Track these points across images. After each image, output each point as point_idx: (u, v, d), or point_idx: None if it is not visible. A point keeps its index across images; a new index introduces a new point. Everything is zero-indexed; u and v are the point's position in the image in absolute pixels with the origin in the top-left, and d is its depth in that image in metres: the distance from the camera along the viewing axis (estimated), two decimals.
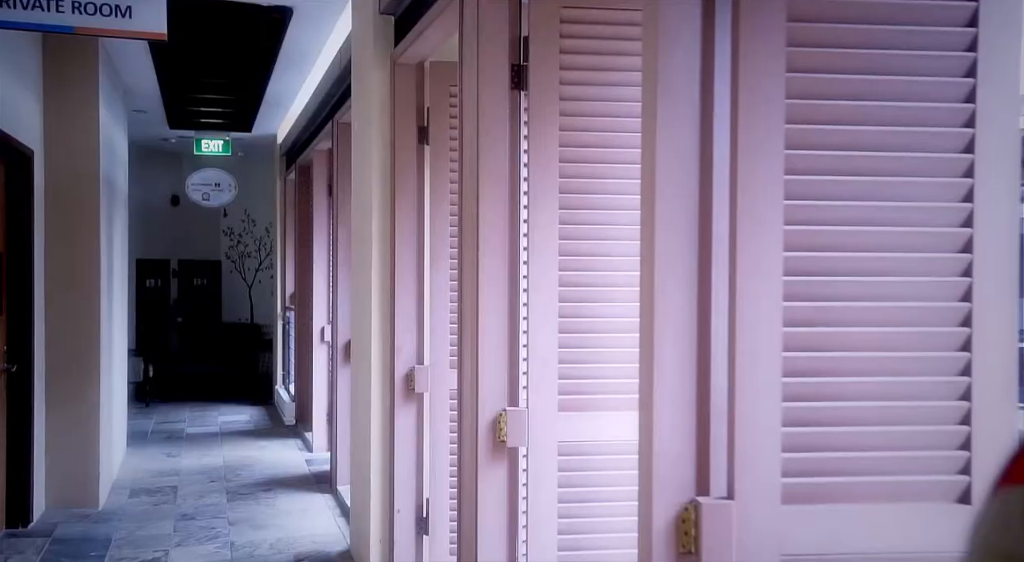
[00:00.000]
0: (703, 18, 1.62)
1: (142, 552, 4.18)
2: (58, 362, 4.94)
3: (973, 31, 1.54)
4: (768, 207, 1.48)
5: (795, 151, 1.50)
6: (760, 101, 1.49)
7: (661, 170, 1.59)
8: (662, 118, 1.59)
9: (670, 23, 1.61)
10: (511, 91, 2.62)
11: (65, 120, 4.92)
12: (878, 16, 1.54)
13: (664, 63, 1.60)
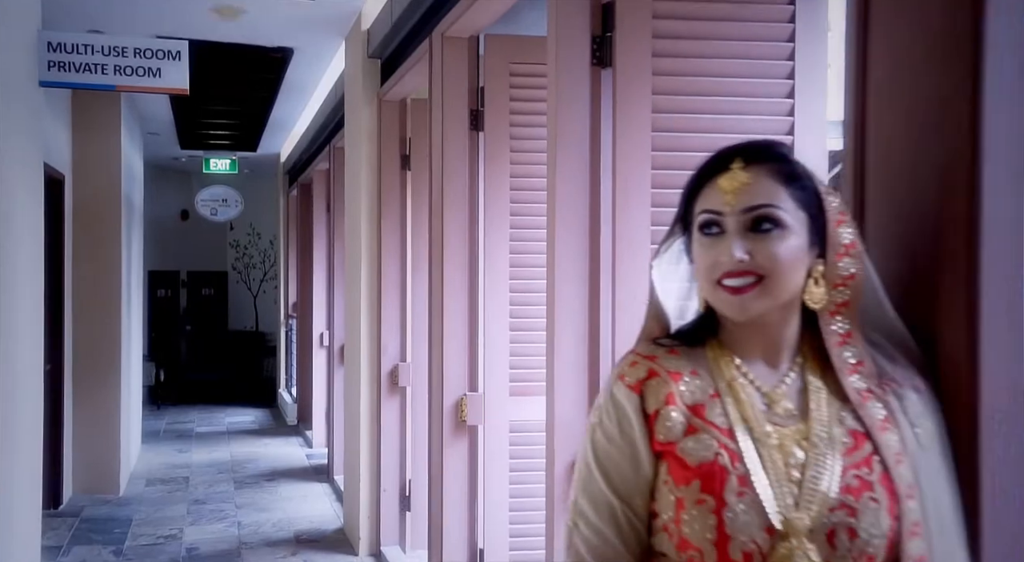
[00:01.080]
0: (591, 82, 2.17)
1: (160, 529, 4.73)
2: (84, 364, 5.49)
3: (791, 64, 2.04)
4: (640, 219, 2.02)
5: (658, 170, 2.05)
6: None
7: (560, 191, 2.16)
8: (560, 155, 2.16)
9: (565, 87, 2.17)
10: (470, 131, 3.20)
11: (91, 147, 5.49)
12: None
13: (562, 115, 2.16)
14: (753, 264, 0.92)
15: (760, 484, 0.89)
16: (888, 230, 1.10)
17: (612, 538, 0.96)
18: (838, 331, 0.97)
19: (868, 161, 1.13)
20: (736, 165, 0.95)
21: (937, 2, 1.02)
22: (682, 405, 0.95)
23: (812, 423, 0.93)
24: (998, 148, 0.96)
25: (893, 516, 0.89)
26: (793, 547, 0.87)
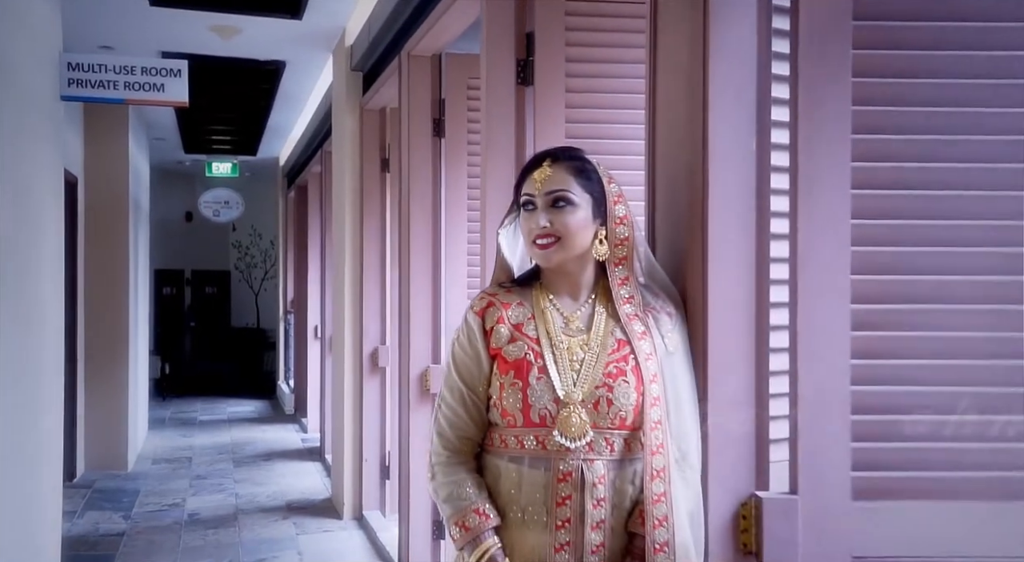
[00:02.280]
0: (516, 98, 2.63)
1: (165, 499, 5.20)
2: (94, 352, 5.97)
3: None
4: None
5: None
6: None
7: (490, 186, 2.61)
8: (491, 157, 2.61)
9: (496, 102, 2.63)
10: (433, 138, 3.67)
11: (101, 151, 5.98)
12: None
13: (493, 124, 2.62)
14: (552, 229, 1.38)
15: (551, 372, 1.36)
16: (667, 217, 1.57)
17: (462, 413, 1.42)
18: (619, 276, 1.43)
19: (657, 177, 1.60)
20: (546, 163, 1.42)
21: (684, 87, 1.49)
22: (508, 324, 1.41)
23: (592, 334, 1.40)
24: (722, 182, 1.43)
25: (639, 393, 1.35)
26: (571, 411, 1.34)
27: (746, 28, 1.47)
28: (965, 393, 1.40)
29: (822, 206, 1.41)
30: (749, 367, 1.46)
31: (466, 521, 1.37)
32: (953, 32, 1.42)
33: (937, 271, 1.42)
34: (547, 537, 1.35)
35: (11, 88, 2.71)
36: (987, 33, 1.41)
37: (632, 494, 1.36)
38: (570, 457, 1.34)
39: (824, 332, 1.41)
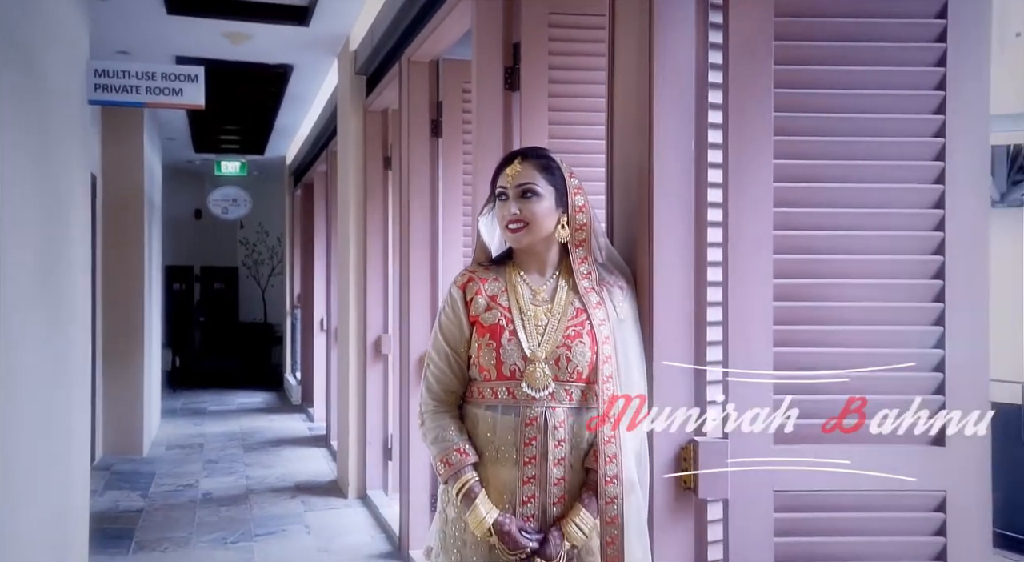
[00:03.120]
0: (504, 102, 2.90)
1: (179, 480, 5.49)
2: (111, 343, 6.26)
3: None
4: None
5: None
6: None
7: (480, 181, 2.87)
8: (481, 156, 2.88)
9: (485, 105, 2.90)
10: (431, 138, 3.94)
11: (118, 149, 6.26)
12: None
13: (483, 126, 2.89)
14: (521, 216, 1.65)
15: (520, 334, 1.63)
16: (621, 207, 1.84)
17: (446, 370, 1.70)
18: (579, 256, 1.69)
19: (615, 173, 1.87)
20: (516, 160, 1.69)
21: (634, 94, 1.75)
22: (485, 295, 1.68)
23: (555, 304, 1.67)
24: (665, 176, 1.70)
25: (593, 352, 1.62)
26: (536, 366, 1.61)
27: (685, 44, 1.73)
28: (865, 353, 1.66)
29: (749, 197, 1.68)
30: (689, 333, 1.72)
31: (449, 458, 1.64)
32: (852, 50, 1.68)
33: (842, 251, 1.68)
34: (516, 471, 1.62)
35: (44, 92, 2.98)
36: (879, 51, 1.68)
37: (587, 437, 1.63)
38: (536, 405, 1.61)
39: (751, 304, 1.68)
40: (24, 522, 2.63)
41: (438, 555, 1.72)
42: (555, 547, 1.60)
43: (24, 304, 2.62)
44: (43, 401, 2.95)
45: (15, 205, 2.50)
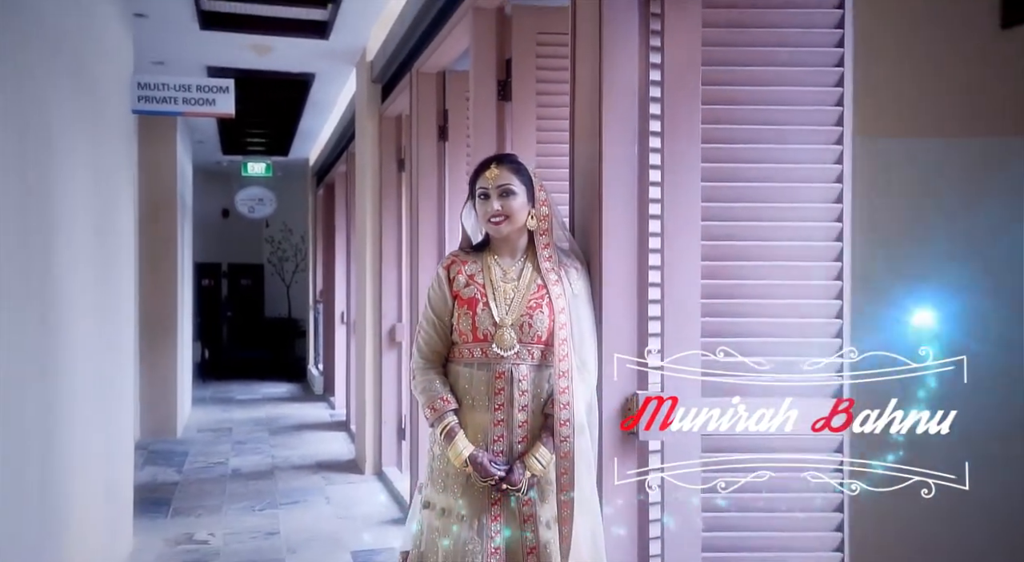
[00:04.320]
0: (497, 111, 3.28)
1: (210, 459, 5.94)
2: (147, 335, 6.72)
3: None
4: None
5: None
6: None
7: None
8: None
9: (480, 115, 3.28)
10: (438, 142, 4.33)
11: (153, 152, 6.72)
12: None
13: (478, 133, 3.27)
14: (503, 211, 2.03)
15: (492, 305, 2.01)
16: (581, 204, 2.21)
17: (433, 334, 2.08)
18: (543, 242, 2.07)
19: (576, 176, 2.24)
20: (493, 165, 2.07)
21: (588, 111, 2.12)
22: (465, 275, 2.07)
23: (520, 281, 2.05)
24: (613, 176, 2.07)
25: (550, 320, 1.99)
26: (504, 331, 1.99)
27: (629, 66, 2.10)
28: (778, 323, 2.02)
29: (681, 193, 2.05)
30: (632, 303, 2.10)
31: (434, 405, 2.03)
32: (766, 73, 2.04)
33: (757, 238, 2.05)
34: (488, 416, 2.00)
35: (96, 103, 3.40)
36: (788, 74, 2.04)
37: (546, 389, 2.01)
38: (504, 362, 2.00)
39: (683, 281, 2.04)
40: (84, 489, 3.06)
41: (427, 485, 2.11)
42: (519, 475, 1.97)
43: (81, 296, 3.04)
44: (97, 387, 3.37)
45: (74, 205, 2.92)
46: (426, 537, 2.07)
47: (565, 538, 1.93)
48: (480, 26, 3.28)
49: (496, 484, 1.98)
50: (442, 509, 2.04)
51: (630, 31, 2.11)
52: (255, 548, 3.99)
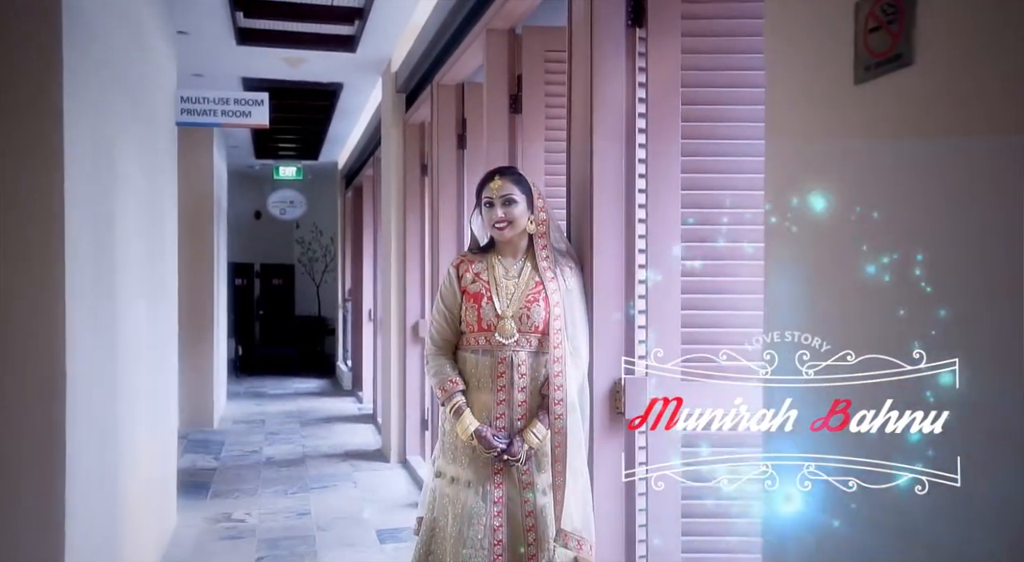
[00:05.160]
0: (509, 123, 3.56)
1: (245, 447, 6.30)
2: (185, 331, 7.05)
3: None
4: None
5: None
6: None
7: None
8: None
9: (495, 125, 3.57)
10: (457, 149, 4.63)
11: (191, 158, 7.08)
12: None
13: (492, 142, 3.56)
14: (506, 217, 2.31)
15: (495, 299, 2.29)
16: (576, 209, 2.48)
17: (444, 325, 2.37)
18: (540, 244, 2.35)
19: (572, 185, 2.52)
20: (497, 177, 2.35)
21: (581, 125, 2.39)
22: (472, 273, 2.35)
23: (520, 278, 2.32)
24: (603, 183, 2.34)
25: (546, 312, 2.27)
26: (505, 321, 2.27)
27: (618, 86, 2.38)
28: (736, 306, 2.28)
29: (664, 199, 2.31)
30: (620, 297, 2.36)
31: (444, 386, 2.32)
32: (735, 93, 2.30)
33: (728, 239, 2.30)
34: (492, 396, 2.29)
35: (147, 116, 3.74)
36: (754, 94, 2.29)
37: (543, 373, 2.29)
38: (505, 349, 2.28)
39: (665, 276, 2.31)
40: (139, 473, 3.39)
41: (439, 457, 2.39)
42: (518, 448, 2.26)
43: (137, 297, 3.37)
44: (149, 380, 3.70)
45: (131, 209, 3.26)
46: (438, 503, 2.36)
47: (558, 502, 2.21)
48: (493, 45, 3.57)
49: (498, 455, 2.26)
50: (451, 477, 2.33)
51: (618, 56, 2.39)
52: (288, 526, 4.32)
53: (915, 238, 1.06)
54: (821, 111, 1.19)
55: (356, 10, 4.93)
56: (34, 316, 2.11)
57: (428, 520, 2.38)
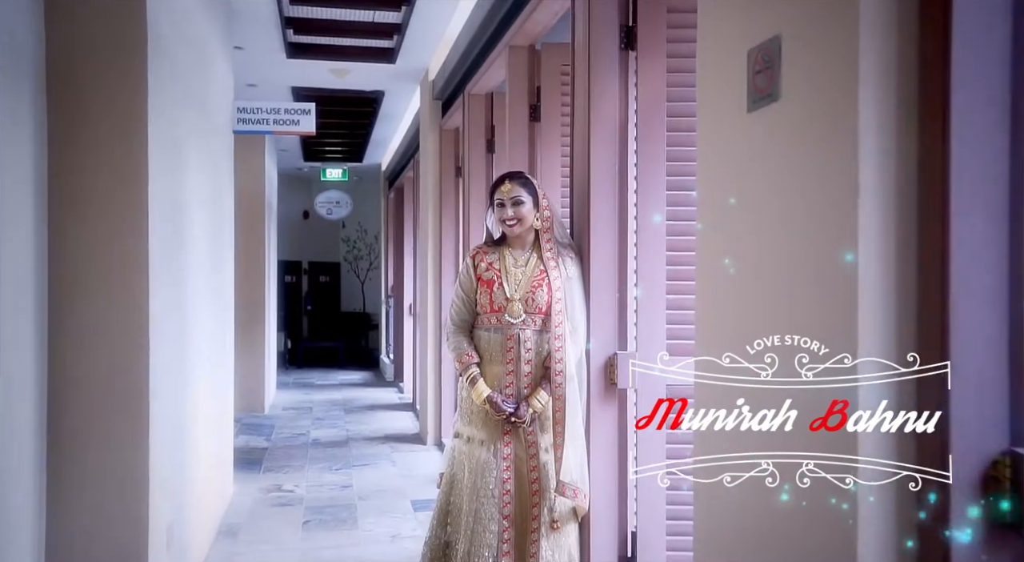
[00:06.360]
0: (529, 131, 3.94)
1: (294, 430, 6.79)
2: (241, 324, 7.60)
3: None
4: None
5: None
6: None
7: None
8: None
9: (516, 133, 3.95)
10: (487, 153, 5.02)
11: (245, 162, 7.62)
12: None
13: (513, 148, 3.94)
14: (515, 216, 2.69)
15: (505, 285, 2.68)
16: (578, 209, 2.85)
17: (462, 308, 2.76)
18: (545, 238, 2.72)
19: (574, 187, 2.89)
20: (507, 181, 2.73)
21: (581, 134, 2.76)
22: (486, 262, 2.74)
23: (527, 267, 2.70)
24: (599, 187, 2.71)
25: (549, 295, 2.64)
26: (513, 303, 2.65)
27: (612, 101, 2.73)
28: None
29: (652, 199, 2.67)
30: (613, 283, 2.73)
31: (462, 358, 2.71)
32: None
33: None
34: (502, 368, 2.67)
35: (209, 126, 4.21)
36: None
37: (546, 348, 2.66)
38: (513, 327, 2.66)
39: (652, 264, 2.66)
40: (204, 451, 3.85)
41: (457, 421, 2.79)
42: (523, 411, 2.64)
43: (202, 291, 3.83)
44: (212, 368, 4.16)
45: (196, 211, 3.72)
46: (456, 459, 2.76)
47: (558, 459, 2.58)
48: (515, 60, 3.95)
49: (507, 418, 2.65)
50: (467, 437, 2.72)
51: (613, 74, 2.75)
52: (332, 496, 4.76)
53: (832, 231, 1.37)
54: (726, 131, 1.54)
55: (395, 26, 5.36)
56: (124, 309, 2.56)
57: (448, 474, 2.78)
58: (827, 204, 1.25)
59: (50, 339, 2.46)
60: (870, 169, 1.17)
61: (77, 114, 2.47)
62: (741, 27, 1.48)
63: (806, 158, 1.31)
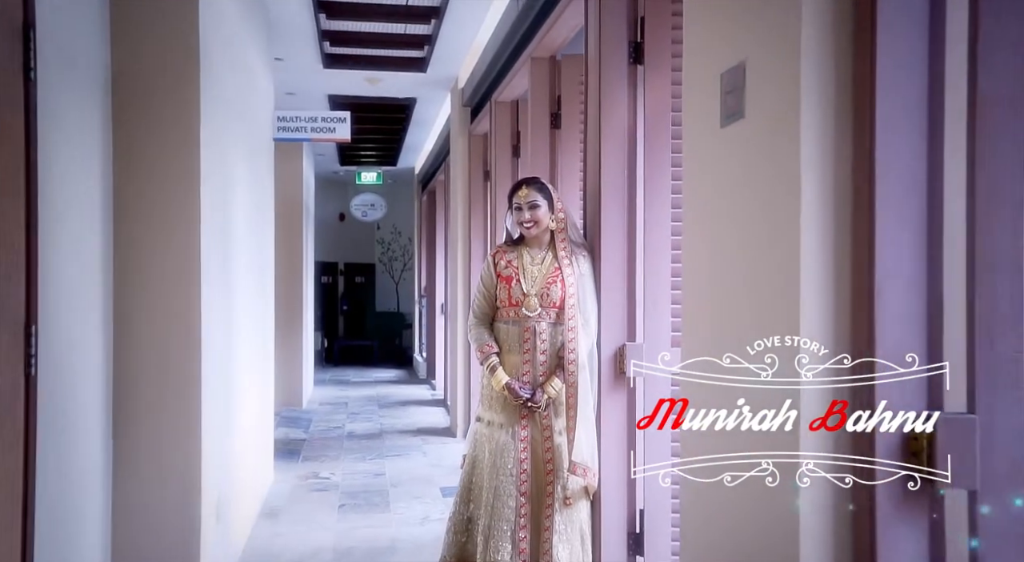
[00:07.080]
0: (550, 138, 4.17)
1: (330, 424, 7.10)
2: (281, 322, 7.95)
3: None
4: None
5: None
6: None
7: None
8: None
9: (537, 141, 4.18)
10: (512, 158, 5.26)
11: (284, 167, 7.96)
12: None
13: (535, 155, 4.18)
14: (532, 218, 2.93)
15: (522, 281, 2.91)
16: (591, 212, 3.08)
17: (483, 303, 3.00)
18: (560, 238, 2.95)
19: (587, 192, 3.12)
20: (524, 186, 2.97)
21: (594, 144, 2.99)
22: (505, 260, 2.98)
23: (543, 265, 2.93)
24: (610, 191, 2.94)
25: (563, 291, 2.87)
26: (530, 298, 2.88)
27: (621, 112, 2.96)
28: None
29: (658, 202, 2.88)
30: (623, 280, 2.95)
31: (483, 349, 2.95)
32: None
33: None
34: (519, 357, 2.91)
35: (253, 135, 4.51)
36: None
37: (559, 340, 2.89)
38: (530, 320, 2.89)
39: (657, 262, 2.88)
40: (248, 439, 4.14)
41: (479, 406, 3.03)
42: (539, 396, 2.87)
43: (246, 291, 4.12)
44: (254, 364, 4.46)
45: (240, 215, 4.01)
46: (478, 442, 3.00)
47: (570, 442, 2.80)
48: (536, 71, 4.19)
49: (524, 403, 2.88)
50: (487, 421, 2.96)
51: (622, 86, 2.97)
52: (366, 483, 5.04)
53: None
54: (705, 144, 1.75)
55: (426, 37, 5.63)
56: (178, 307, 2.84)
57: (470, 456, 3.02)
58: (776, 205, 1.47)
59: (115, 335, 2.75)
60: (811, 172, 1.39)
61: (138, 130, 2.77)
62: (717, 53, 1.70)
63: (765, 165, 1.53)
